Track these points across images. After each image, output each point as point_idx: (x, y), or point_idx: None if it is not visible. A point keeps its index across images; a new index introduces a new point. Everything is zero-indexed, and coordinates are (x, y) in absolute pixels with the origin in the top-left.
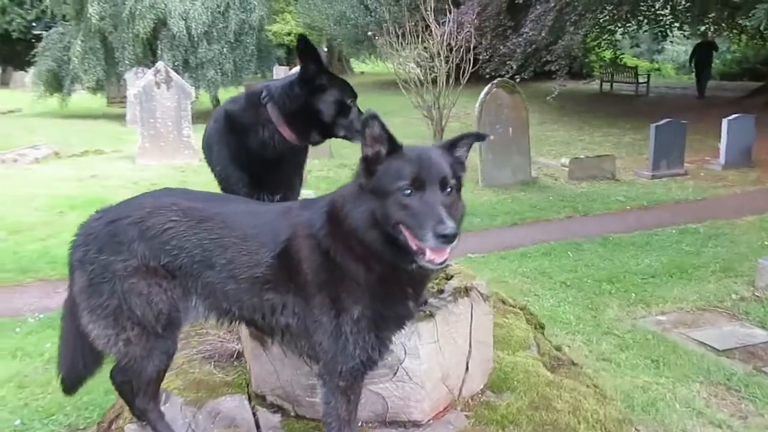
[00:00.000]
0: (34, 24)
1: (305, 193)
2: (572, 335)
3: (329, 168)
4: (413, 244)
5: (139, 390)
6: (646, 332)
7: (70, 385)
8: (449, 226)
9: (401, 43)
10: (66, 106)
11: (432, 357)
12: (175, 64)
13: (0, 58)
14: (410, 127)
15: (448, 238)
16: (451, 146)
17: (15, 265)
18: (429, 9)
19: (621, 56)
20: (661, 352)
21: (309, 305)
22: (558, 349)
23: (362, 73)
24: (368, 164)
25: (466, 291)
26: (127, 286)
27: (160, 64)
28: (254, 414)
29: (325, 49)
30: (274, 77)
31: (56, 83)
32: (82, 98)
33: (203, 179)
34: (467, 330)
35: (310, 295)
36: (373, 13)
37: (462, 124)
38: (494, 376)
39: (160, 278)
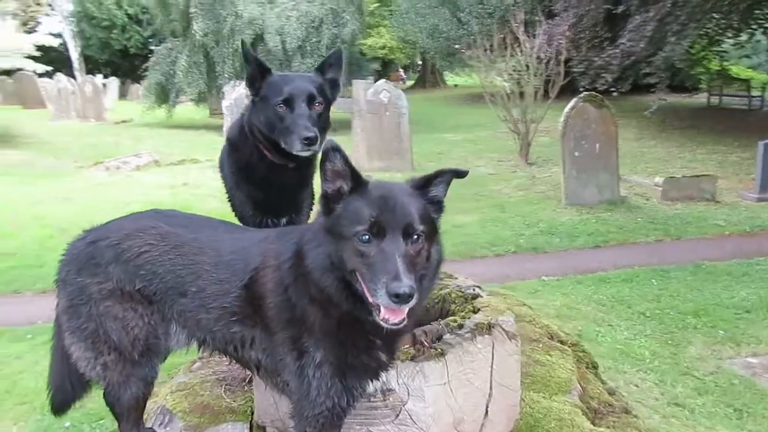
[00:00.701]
0: (150, 40)
1: None
2: (644, 373)
3: None
4: (369, 297)
5: (121, 415)
6: (732, 376)
7: (57, 407)
8: (404, 284)
9: (488, 56)
10: (171, 116)
11: (440, 400)
12: None
13: (120, 72)
14: (497, 140)
15: (401, 298)
16: (425, 184)
17: None
18: (518, 21)
19: (727, 68)
20: (746, 400)
21: (273, 342)
22: (611, 392)
23: (456, 85)
24: (328, 201)
25: (489, 328)
26: (103, 309)
27: None
28: None
29: (419, 62)
30: (353, 91)
31: (163, 95)
32: (187, 109)
33: None
34: (487, 371)
35: (274, 332)
36: (465, 26)
37: (552, 138)
38: (522, 423)
39: (135, 303)
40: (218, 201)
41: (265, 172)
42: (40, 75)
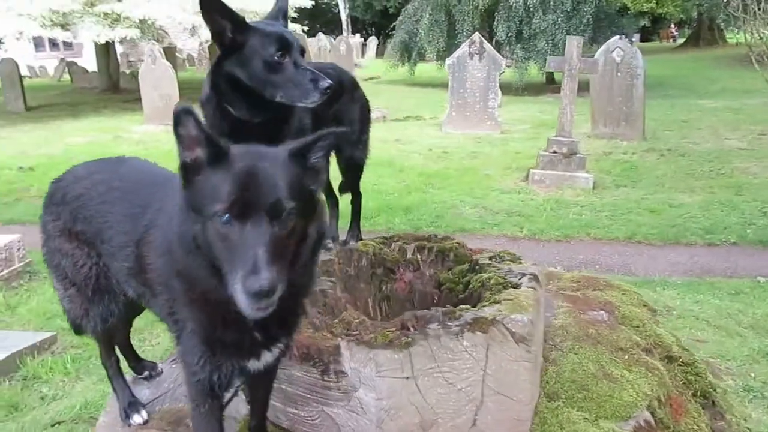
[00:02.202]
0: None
1: (582, 176)
2: None
3: (634, 151)
4: (229, 288)
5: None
6: None
7: (75, 329)
8: (262, 279)
9: (760, 6)
10: (413, 74)
11: (400, 394)
12: (509, 35)
13: (382, 31)
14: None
15: (257, 296)
16: (303, 150)
17: None
18: None
19: None
20: None
21: (158, 304)
22: None
23: (738, 44)
24: (186, 172)
25: (486, 324)
26: (58, 244)
27: (476, 35)
28: None
29: (695, 15)
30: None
31: (407, 53)
32: (429, 67)
33: (498, 151)
34: (478, 374)
35: (156, 294)
36: None
37: None
38: None
39: (81, 243)
40: (423, 158)
41: (229, 129)
42: (309, 35)
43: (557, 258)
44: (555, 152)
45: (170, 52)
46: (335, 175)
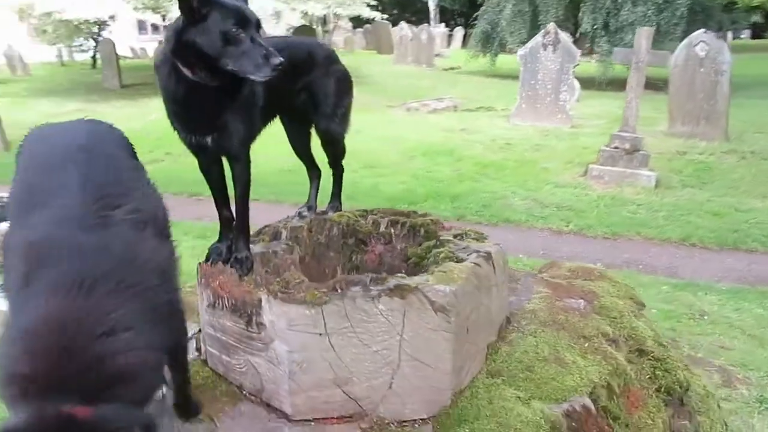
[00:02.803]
0: None
1: (645, 174)
2: None
3: (712, 152)
4: None
5: None
6: None
7: None
8: None
9: None
10: (494, 64)
11: (313, 350)
12: (594, 27)
13: (467, 21)
14: None
15: None
16: None
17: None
18: None
19: None
20: None
21: None
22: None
23: None
24: None
25: (406, 291)
26: None
27: (551, 26)
28: None
29: None
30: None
31: (488, 44)
32: (512, 59)
33: (564, 145)
34: (394, 339)
35: None
36: None
37: None
38: (452, 412)
39: None
40: (483, 148)
41: (183, 92)
42: (394, 24)
43: (600, 255)
44: (616, 148)
45: None
46: (317, 145)
